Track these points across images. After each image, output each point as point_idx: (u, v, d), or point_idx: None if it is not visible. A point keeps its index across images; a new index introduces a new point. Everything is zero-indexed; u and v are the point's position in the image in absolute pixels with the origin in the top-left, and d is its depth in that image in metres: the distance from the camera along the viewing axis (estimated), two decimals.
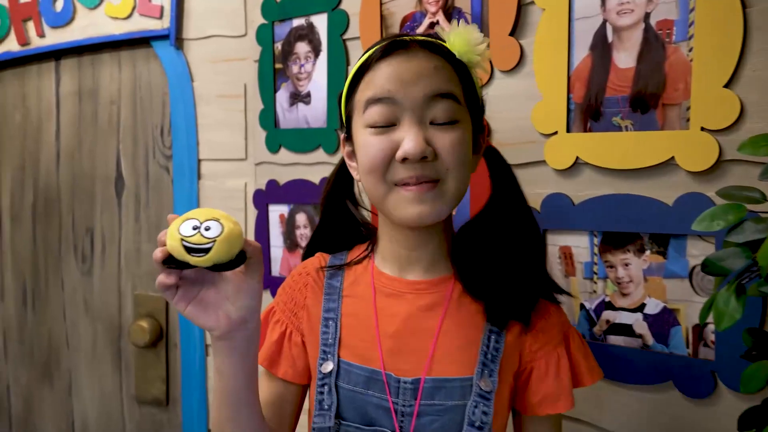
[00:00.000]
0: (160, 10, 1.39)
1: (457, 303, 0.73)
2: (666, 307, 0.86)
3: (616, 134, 0.87)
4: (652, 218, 0.85)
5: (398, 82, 0.66)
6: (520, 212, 0.76)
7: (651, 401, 0.88)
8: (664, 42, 0.83)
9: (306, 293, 0.79)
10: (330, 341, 0.74)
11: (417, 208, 0.67)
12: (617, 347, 0.90)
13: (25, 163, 1.69)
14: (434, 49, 0.69)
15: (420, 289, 0.74)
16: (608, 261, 0.90)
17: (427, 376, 0.70)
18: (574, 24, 0.90)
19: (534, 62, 0.94)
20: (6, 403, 1.80)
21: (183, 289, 0.62)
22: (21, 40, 1.58)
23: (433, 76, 0.67)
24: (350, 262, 0.79)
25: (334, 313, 0.76)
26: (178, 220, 0.60)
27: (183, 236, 0.58)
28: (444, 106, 0.67)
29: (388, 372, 0.71)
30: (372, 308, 0.74)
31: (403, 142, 0.66)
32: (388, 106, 0.67)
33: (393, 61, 0.68)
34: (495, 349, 0.71)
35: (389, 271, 0.76)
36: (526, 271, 0.74)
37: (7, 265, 1.75)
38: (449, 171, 0.67)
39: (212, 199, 1.39)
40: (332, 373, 0.73)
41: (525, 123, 0.96)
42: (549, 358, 0.73)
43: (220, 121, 1.37)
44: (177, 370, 1.49)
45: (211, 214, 0.60)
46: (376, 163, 0.68)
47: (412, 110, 0.66)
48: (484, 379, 0.70)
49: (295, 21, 1.24)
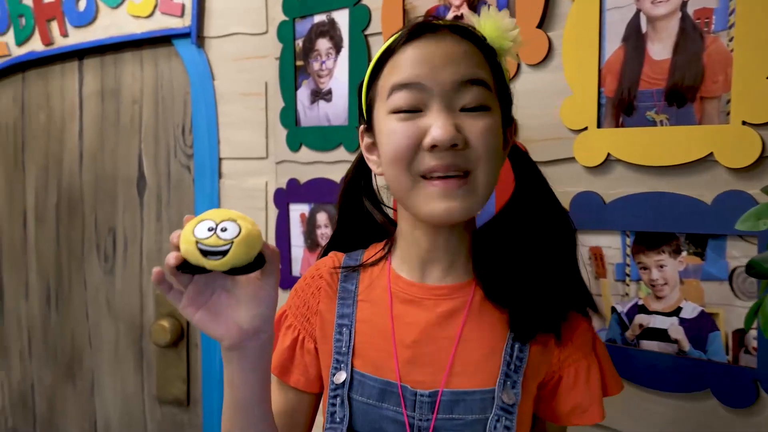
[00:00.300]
0: (181, 8, 1.38)
1: (478, 309, 0.68)
2: (704, 311, 0.82)
3: (651, 129, 0.83)
4: (688, 218, 0.81)
5: (426, 66, 0.62)
6: (550, 213, 0.71)
7: (687, 410, 0.84)
8: (702, 32, 0.79)
9: (319, 298, 0.75)
10: (343, 350, 0.70)
11: (445, 204, 0.62)
12: (651, 353, 0.86)
13: (49, 164, 1.71)
14: (464, 33, 0.65)
15: (439, 295, 0.69)
16: (641, 262, 0.86)
17: (446, 388, 0.66)
18: (606, 14, 0.86)
19: (563, 55, 0.91)
20: (30, 402, 1.81)
21: (192, 293, 0.58)
22: (45, 40, 1.59)
23: (463, 61, 0.63)
24: (365, 263, 0.75)
25: (348, 320, 0.72)
26: (192, 221, 0.56)
27: (198, 238, 0.54)
28: (475, 92, 0.63)
29: (403, 384, 0.67)
30: (388, 315, 0.70)
31: (431, 128, 0.61)
32: (415, 92, 0.62)
33: (421, 45, 0.63)
34: (519, 359, 0.67)
35: (407, 275, 0.71)
36: (556, 279, 0.68)
37: (31, 265, 1.77)
38: (480, 160, 0.62)
39: (233, 198, 1.38)
40: (345, 384, 0.69)
41: (553, 119, 0.92)
42: (578, 366, 0.69)
43: (241, 119, 1.36)
44: (198, 370, 1.49)
45: (228, 215, 0.56)
46: (400, 152, 0.63)
47: (440, 96, 0.62)
48: (507, 392, 0.65)
49: (316, 17, 1.22)
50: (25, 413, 1.83)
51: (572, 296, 0.70)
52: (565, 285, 0.69)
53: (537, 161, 0.93)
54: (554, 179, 0.92)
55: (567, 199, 0.91)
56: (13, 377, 1.84)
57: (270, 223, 1.34)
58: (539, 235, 0.69)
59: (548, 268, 0.68)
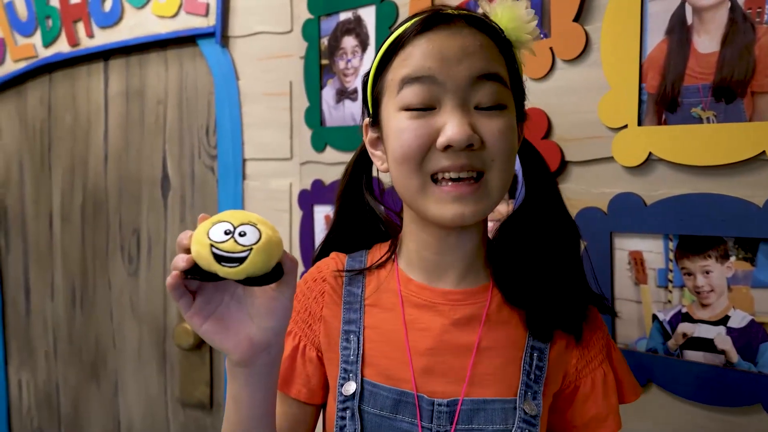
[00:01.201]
0: (206, 7, 1.37)
1: (496, 316, 0.65)
2: (754, 320, 0.77)
3: (696, 127, 0.79)
4: (737, 220, 0.76)
5: (440, 59, 0.58)
6: (557, 213, 0.67)
7: (736, 425, 0.79)
8: (754, 22, 0.74)
9: (323, 303, 0.69)
10: (352, 358, 0.66)
11: (456, 208, 0.59)
12: (696, 364, 0.81)
13: (75, 165, 1.71)
14: (479, 25, 0.61)
15: (455, 300, 0.65)
16: (685, 268, 0.81)
17: (465, 397, 0.62)
18: (648, 6, 0.82)
19: (601, 50, 0.86)
20: (55, 402, 1.82)
21: (199, 301, 0.53)
22: (71, 41, 1.60)
23: (479, 55, 0.58)
24: (372, 265, 0.70)
25: (356, 326, 0.67)
26: (207, 222, 0.51)
27: (213, 241, 0.48)
28: (491, 88, 0.59)
29: (420, 393, 0.63)
30: (400, 321, 0.66)
31: (445, 127, 0.57)
32: (428, 87, 0.58)
33: (434, 36, 0.59)
34: (538, 368, 0.63)
35: (417, 278, 0.67)
36: (568, 278, 0.66)
37: (57, 266, 1.77)
38: (495, 162, 0.59)
39: (257, 199, 1.36)
40: (355, 395, 0.64)
41: (590, 116, 0.88)
42: (595, 375, 0.66)
43: (265, 119, 1.34)
44: (221, 374, 1.47)
45: (247, 218, 0.51)
46: (411, 151, 0.59)
47: (454, 92, 0.58)
48: (528, 402, 0.62)
49: (342, 15, 1.20)
50: (50, 413, 1.83)
51: (584, 294, 0.67)
52: (577, 284, 0.67)
53: (573, 161, 0.90)
54: (591, 180, 0.89)
55: (605, 201, 0.87)
56: (38, 377, 1.85)
57: (294, 225, 1.31)
58: (549, 237, 0.66)
59: (559, 268, 0.65)
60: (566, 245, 0.67)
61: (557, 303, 0.64)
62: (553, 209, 0.67)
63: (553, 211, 0.67)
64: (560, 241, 0.66)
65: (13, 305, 1.88)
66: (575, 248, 0.68)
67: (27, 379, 1.88)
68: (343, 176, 0.74)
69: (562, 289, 0.65)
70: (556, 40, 0.90)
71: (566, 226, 0.67)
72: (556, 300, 0.64)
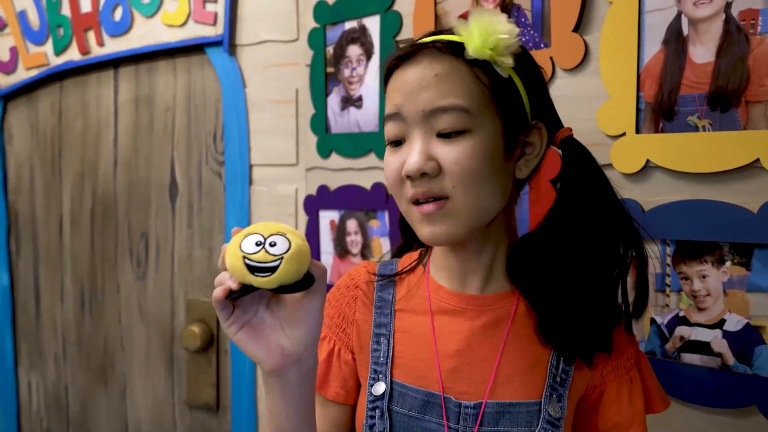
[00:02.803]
0: (214, 16, 1.40)
1: (522, 320, 0.67)
2: (749, 323, 0.78)
3: (692, 135, 0.81)
4: (733, 226, 0.78)
5: (403, 95, 0.62)
6: (611, 222, 0.64)
7: (731, 426, 0.80)
8: (748, 34, 0.76)
9: (355, 307, 0.73)
10: (382, 360, 0.69)
11: (428, 229, 0.62)
12: (692, 366, 0.83)
13: (85, 170, 1.74)
14: (444, 51, 0.61)
15: (482, 305, 0.68)
16: (682, 272, 0.83)
17: (490, 399, 0.64)
18: (645, 17, 0.84)
19: (600, 59, 0.89)
20: (64, 404, 1.84)
21: (239, 310, 0.56)
22: (82, 49, 1.63)
23: (433, 88, 0.60)
24: (402, 271, 0.74)
25: (386, 329, 0.70)
26: (239, 235, 0.53)
27: (246, 253, 0.51)
28: (448, 117, 0.60)
29: (447, 395, 0.65)
30: (429, 324, 0.68)
31: (406, 159, 0.62)
32: (397, 122, 0.63)
33: (401, 72, 0.63)
34: (564, 372, 0.65)
35: (446, 284, 0.70)
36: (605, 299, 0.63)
37: (66, 269, 1.80)
38: (456, 187, 0.60)
39: (263, 204, 1.38)
40: (385, 396, 0.67)
41: (590, 124, 0.90)
42: (621, 381, 0.67)
43: (272, 126, 1.37)
44: (227, 376, 1.49)
45: (277, 228, 0.53)
46: (390, 182, 0.65)
47: (415, 124, 0.62)
48: (553, 405, 0.64)
49: (347, 24, 1.22)
50: (59, 415, 1.86)
51: (615, 315, 0.66)
52: (611, 305, 0.65)
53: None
54: None
55: None
56: (48, 379, 1.87)
57: (300, 230, 1.33)
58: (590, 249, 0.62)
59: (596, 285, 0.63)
60: (624, 253, 0.64)
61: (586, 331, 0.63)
62: (605, 210, 0.64)
63: (606, 212, 0.64)
64: (619, 246, 0.63)
65: (24, 308, 1.91)
66: (641, 260, 0.64)
67: (36, 381, 1.90)
68: None
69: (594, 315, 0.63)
70: (556, 50, 0.92)
71: (626, 228, 0.64)
72: (586, 328, 0.63)
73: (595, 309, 0.63)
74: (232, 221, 1.42)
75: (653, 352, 0.86)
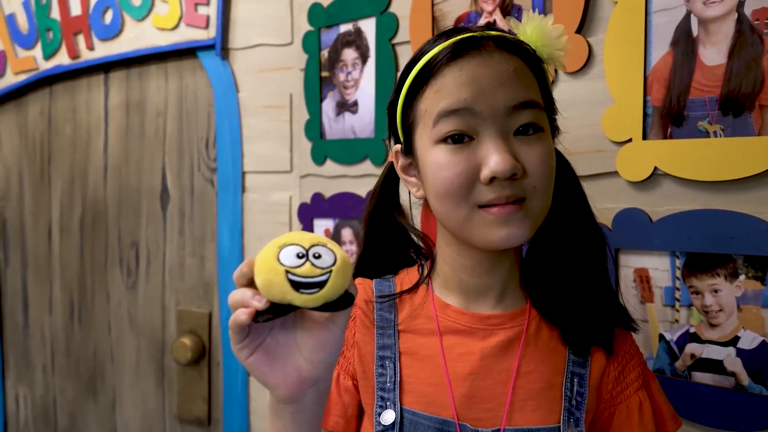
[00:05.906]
0: (206, 19, 1.36)
1: (534, 339, 0.63)
2: (765, 341, 0.74)
3: (703, 141, 0.77)
4: (747, 237, 0.74)
5: (475, 89, 0.57)
6: (589, 229, 0.66)
7: None
8: (762, 34, 0.72)
9: (354, 328, 0.68)
10: (389, 385, 0.63)
11: (504, 231, 0.58)
12: (704, 386, 0.78)
13: (75, 176, 1.70)
14: (510, 47, 0.59)
15: (494, 324, 0.64)
16: (693, 286, 0.79)
17: (508, 425, 0.60)
18: (652, 17, 0.80)
19: (604, 62, 0.85)
20: (52, 416, 1.79)
21: (253, 332, 0.49)
22: (72, 53, 1.59)
23: (514, 82, 0.58)
24: (405, 290, 0.68)
25: (391, 351, 0.65)
26: (270, 248, 0.45)
27: (287, 267, 0.43)
28: (528, 115, 0.58)
29: (462, 422, 0.61)
30: (437, 346, 0.64)
31: (488, 159, 0.56)
32: (465, 119, 0.57)
33: (465, 64, 0.58)
34: (579, 394, 0.62)
35: (454, 302, 0.66)
36: (598, 286, 0.65)
37: (55, 278, 1.76)
38: (536, 188, 0.58)
39: (256, 212, 1.34)
40: (395, 425, 0.61)
41: (594, 130, 0.86)
42: (630, 402, 0.64)
43: (265, 132, 1.33)
44: (219, 390, 1.44)
45: (316, 239, 0.46)
46: (454, 188, 0.58)
47: (493, 122, 0.57)
48: (571, 429, 0.60)
49: (342, 27, 1.18)
50: (48, 428, 1.81)
51: (613, 311, 0.66)
52: (607, 300, 0.66)
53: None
54: (595, 195, 0.86)
55: (609, 216, 0.85)
56: (36, 391, 1.82)
57: None
58: (582, 254, 0.65)
59: (590, 284, 0.65)
60: (595, 253, 0.66)
61: (591, 313, 0.63)
62: (582, 218, 0.66)
63: (583, 219, 0.66)
64: (590, 250, 0.65)
65: (11, 318, 1.86)
66: (602, 256, 0.67)
67: (24, 393, 1.86)
68: (371, 199, 0.72)
69: (594, 299, 0.64)
70: None
71: (594, 234, 0.66)
72: (590, 309, 0.64)
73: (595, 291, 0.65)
74: (225, 230, 1.38)
75: (662, 370, 0.82)
